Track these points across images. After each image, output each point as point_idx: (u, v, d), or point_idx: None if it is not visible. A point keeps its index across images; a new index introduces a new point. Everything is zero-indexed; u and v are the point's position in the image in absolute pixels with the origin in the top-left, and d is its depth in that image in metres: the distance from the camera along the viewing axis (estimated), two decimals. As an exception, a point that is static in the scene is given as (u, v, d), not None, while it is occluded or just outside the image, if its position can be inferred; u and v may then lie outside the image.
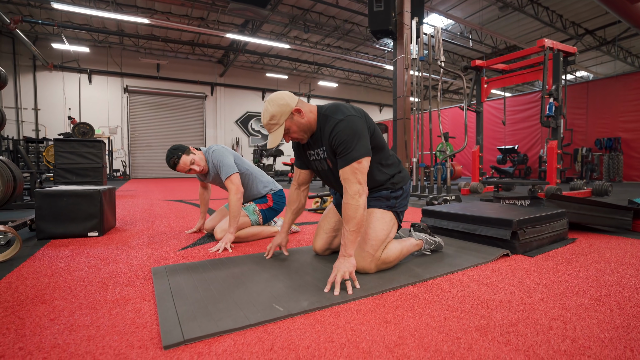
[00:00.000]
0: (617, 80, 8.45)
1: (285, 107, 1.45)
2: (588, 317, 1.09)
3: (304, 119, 1.49)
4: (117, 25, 11.70)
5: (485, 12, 10.83)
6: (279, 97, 1.47)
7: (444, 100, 19.99)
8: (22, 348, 0.93)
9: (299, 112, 1.47)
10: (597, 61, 14.61)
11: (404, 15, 5.49)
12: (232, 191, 2.16)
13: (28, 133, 12.16)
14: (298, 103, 1.49)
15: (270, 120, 1.46)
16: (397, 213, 1.66)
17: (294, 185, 1.83)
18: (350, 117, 1.44)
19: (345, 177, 1.43)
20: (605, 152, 8.45)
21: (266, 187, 2.47)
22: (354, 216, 1.39)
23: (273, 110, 1.45)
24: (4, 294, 1.32)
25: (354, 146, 1.41)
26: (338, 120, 1.44)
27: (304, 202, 1.84)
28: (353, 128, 1.42)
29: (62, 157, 4.98)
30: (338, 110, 1.48)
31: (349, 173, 1.42)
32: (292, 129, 1.50)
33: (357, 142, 1.42)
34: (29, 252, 1.97)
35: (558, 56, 4.73)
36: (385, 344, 0.94)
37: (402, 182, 1.68)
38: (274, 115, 1.45)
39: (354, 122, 1.44)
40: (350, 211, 1.40)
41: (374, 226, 1.55)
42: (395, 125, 5.67)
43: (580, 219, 2.42)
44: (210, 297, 1.26)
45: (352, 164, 1.41)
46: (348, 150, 1.41)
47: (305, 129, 1.52)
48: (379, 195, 1.63)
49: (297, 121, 1.48)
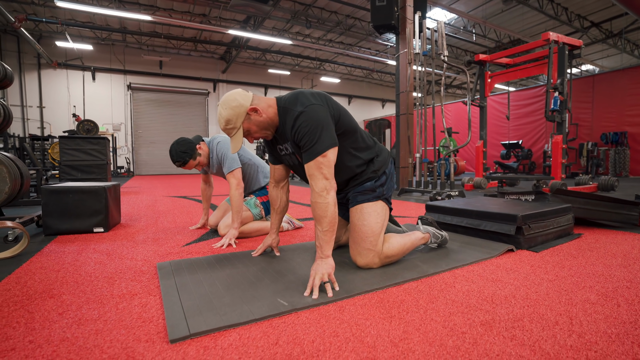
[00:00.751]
0: (623, 73, 8.35)
1: (239, 109, 1.36)
2: (594, 313, 1.08)
3: (262, 117, 1.40)
4: (119, 22, 11.70)
5: (489, 6, 10.72)
6: (231, 99, 1.38)
7: (447, 95, 19.87)
8: (32, 341, 0.94)
9: (256, 111, 1.38)
10: (603, 54, 14.44)
11: (407, 9, 5.44)
12: (233, 186, 2.17)
13: (33, 131, 12.24)
14: (253, 101, 1.39)
15: (227, 125, 1.38)
16: (386, 198, 1.61)
17: (271, 183, 1.73)
18: (310, 107, 1.33)
19: (310, 173, 1.34)
20: (611, 146, 8.37)
21: (267, 178, 2.47)
22: (324, 215, 1.31)
23: (227, 114, 1.36)
24: (13, 289, 1.34)
25: (316, 138, 1.31)
26: (298, 112, 1.34)
27: (286, 200, 1.74)
28: (314, 118, 1.32)
29: (67, 154, 5.02)
30: (297, 100, 1.37)
31: (314, 169, 1.33)
32: (252, 130, 1.42)
33: (320, 133, 1.32)
34: (37, 248, 1.99)
35: (563, 49, 4.68)
36: (390, 338, 0.94)
37: (384, 165, 1.61)
38: (229, 119, 1.37)
39: (315, 111, 1.33)
40: (319, 210, 1.32)
41: (367, 222, 1.51)
42: (398, 121, 5.65)
43: (586, 214, 2.41)
44: (215, 292, 1.27)
45: (316, 159, 1.32)
46: (311, 143, 1.32)
47: (267, 126, 1.43)
48: (364, 189, 1.57)
49: (255, 120, 1.40)
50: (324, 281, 1.26)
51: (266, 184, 2.46)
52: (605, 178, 4.86)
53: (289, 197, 1.76)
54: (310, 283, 1.26)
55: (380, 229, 1.53)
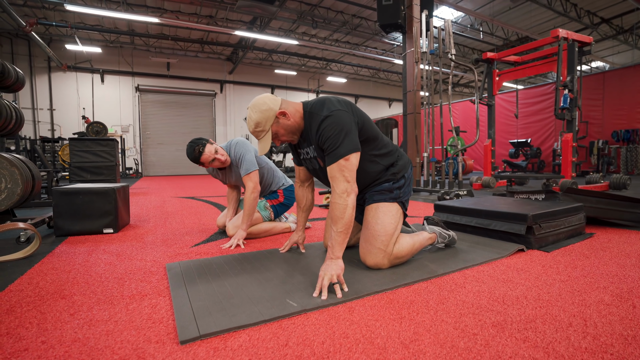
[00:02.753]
0: (635, 69, 8.19)
1: (268, 112, 1.41)
2: (609, 314, 1.06)
3: (290, 121, 1.44)
4: (127, 25, 11.83)
5: (496, 3, 10.60)
6: (261, 102, 1.42)
7: (455, 94, 19.71)
8: (45, 342, 0.95)
9: (284, 115, 1.43)
10: (613, 51, 14.20)
11: (414, 8, 5.41)
12: (250, 189, 2.16)
13: (44, 133, 12.44)
14: (282, 105, 1.44)
15: (256, 128, 1.43)
16: (402, 203, 1.62)
17: (297, 183, 1.82)
18: (336, 112, 1.38)
19: (332, 174, 1.38)
20: (622, 144, 8.22)
21: (279, 183, 2.49)
22: (341, 216, 1.33)
23: (257, 117, 1.41)
24: (25, 289, 1.35)
25: (340, 142, 1.35)
26: (324, 116, 1.38)
27: (311, 198, 1.83)
28: (340, 123, 1.37)
29: (77, 156, 5.08)
30: (323, 106, 1.42)
31: (336, 171, 1.36)
32: (279, 133, 1.46)
33: (344, 138, 1.36)
34: (48, 249, 2.02)
35: (573, 46, 4.61)
36: (400, 339, 0.93)
37: (403, 170, 1.64)
38: (259, 122, 1.41)
39: (341, 117, 1.38)
40: (337, 211, 1.34)
41: (381, 221, 1.52)
42: (405, 120, 5.62)
43: (598, 213, 2.37)
44: (225, 293, 1.27)
45: (339, 161, 1.35)
46: (334, 146, 1.36)
47: (294, 129, 1.48)
48: (382, 189, 1.59)
49: (283, 124, 1.44)
50: (333, 282, 1.26)
51: (277, 188, 2.47)
52: (617, 176, 4.78)
53: (314, 196, 1.84)
54: (319, 284, 1.26)
55: (394, 231, 1.53)
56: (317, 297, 1.21)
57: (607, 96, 8.63)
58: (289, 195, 2.49)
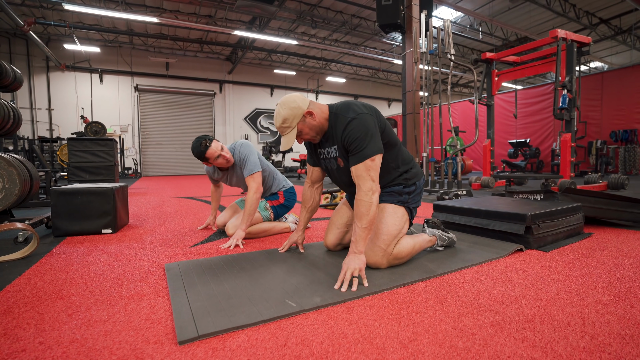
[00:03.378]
0: (633, 70, 8.21)
1: (297, 110, 1.46)
2: (607, 314, 1.06)
3: (315, 121, 1.50)
4: (126, 24, 11.81)
5: (496, 3, 10.61)
6: (291, 100, 1.48)
7: (454, 94, 19.72)
8: (42, 342, 0.95)
9: (311, 115, 1.48)
10: (612, 51, 14.22)
11: (413, 8, 5.41)
12: (253, 189, 2.16)
13: (42, 133, 12.40)
14: (310, 105, 1.49)
15: (283, 124, 1.48)
16: (410, 209, 1.64)
17: (307, 183, 1.83)
18: (362, 115, 1.44)
19: (358, 174, 1.43)
20: (621, 144, 8.24)
21: (279, 185, 2.50)
22: (366, 213, 1.39)
23: (285, 113, 1.46)
24: (23, 290, 1.35)
25: (366, 144, 1.41)
26: (350, 118, 1.44)
27: (318, 200, 1.85)
28: (365, 126, 1.42)
29: (75, 156, 5.07)
30: (349, 108, 1.47)
31: (362, 170, 1.42)
32: (304, 131, 1.52)
33: (370, 139, 1.42)
34: (46, 249, 2.01)
35: (572, 47, 4.62)
36: (399, 339, 0.93)
37: (415, 178, 1.67)
38: (287, 118, 1.46)
39: (366, 120, 1.44)
40: (363, 208, 1.39)
41: (386, 221, 1.54)
42: (404, 120, 5.62)
43: (596, 213, 2.37)
44: (223, 293, 1.27)
45: (365, 162, 1.41)
46: (361, 147, 1.41)
47: (317, 130, 1.53)
48: (392, 191, 1.62)
49: (309, 123, 1.50)
50: (354, 276, 1.31)
51: (278, 190, 2.48)
52: (615, 176, 4.79)
53: (320, 199, 1.87)
54: (342, 276, 1.32)
55: (397, 233, 1.54)
56: (337, 289, 1.28)
57: (606, 96, 8.65)
58: (290, 197, 2.50)
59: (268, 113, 16.36)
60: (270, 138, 16.37)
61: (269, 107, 16.37)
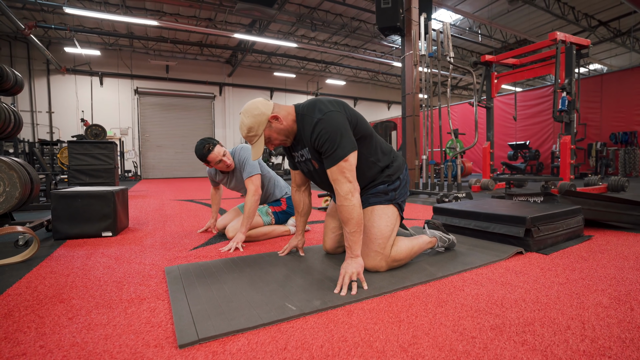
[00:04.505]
0: (632, 72, 8.23)
1: (261, 117, 1.42)
2: (607, 317, 1.06)
3: (282, 125, 1.45)
4: (127, 28, 11.85)
5: (495, 6, 10.66)
6: (253, 107, 1.43)
7: (454, 97, 19.76)
8: (43, 346, 0.95)
9: (277, 119, 1.44)
10: (611, 53, 14.26)
11: (412, 11, 5.43)
12: (251, 192, 2.17)
13: (43, 135, 12.42)
14: (274, 109, 1.45)
15: (249, 133, 1.44)
16: (398, 204, 1.62)
17: (293, 187, 1.82)
18: (328, 113, 1.38)
19: (334, 177, 1.39)
20: (620, 146, 8.25)
21: (282, 192, 2.51)
22: (350, 217, 1.36)
23: (249, 122, 1.42)
24: (23, 293, 1.35)
25: (337, 144, 1.36)
26: (317, 119, 1.38)
27: (308, 202, 1.83)
28: (333, 125, 1.37)
29: (75, 159, 5.08)
30: (315, 108, 1.42)
31: (337, 173, 1.38)
32: (272, 137, 1.47)
33: (341, 139, 1.36)
34: (47, 252, 2.02)
35: (571, 49, 4.63)
36: (399, 343, 0.93)
37: (398, 171, 1.64)
38: (251, 127, 1.42)
39: (334, 118, 1.38)
40: (346, 213, 1.37)
41: (377, 224, 1.52)
42: (404, 123, 5.63)
43: (596, 216, 2.37)
44: (223, 296, 1.27)
45: (339, 163, 1.36)
46: (332, 149, 1.36)
47: (287, 133, 1.48)
48: (377, 191, 1.59)
49: (276, 128, 1.45)
50: (353, 280, 1.32)
51: (281, 196, 2.49)
52: (615, 178, 4.79)
53: (311, 200, 1.84)
54: (340, 281, 1.32)
55: (390, 233, 1.53)
56: (337, 293, 1.27)
57: (605, 99, 8.67)
58: (292, 204, 2.50)
59: (268, 115, 16.36)
60: (270, 140, 16.35)
61: (269, 109, 16.35)
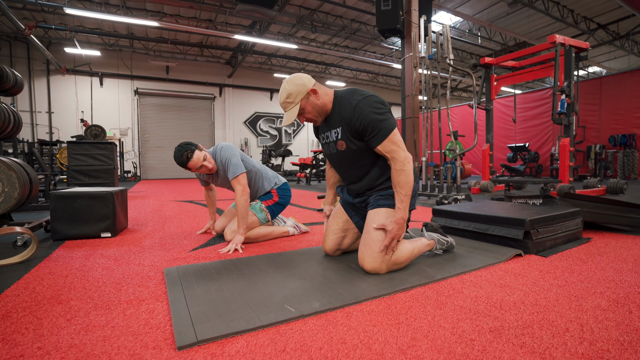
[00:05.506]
0: (631, 75, 8.26)
1: (302, 87, 1.50)
2: (606, 320, 1.06)
3: (319, 100, 1.54)
4: (127, 28, 11.86)
5: (494, 9, 10.69)
6: (297, 77, 1.52)
7: (453, 98, 19.80)
8: (41, 348, 0.94)
9: (315, 93, 1.52)
10: (610, 56, 14.30)
11: (412, 13, 5.45)
12: (239, 192, 2.15)
13: (42, 136, 12.42)
14: (315, 85, 1.54)
15: (287, 99, 1.51)
16: None
17: (328, 165, 1.91)
18: (369, 97, 1.49)
19: (388, 149, 1.48)
20: (619, 149, 8.27)
21: (271, 183, 2.47)
22: (408, 181, 1.48)
23: (290, 88, 1.50)
24: (22, 294, 1.35)
25: (383, 120, 1.46)
26: (358, 100, 1.48)
27: (338, 178, 1.92)
28: (375, 105, 1.47)
29: (75, 159, 5.07)
30: (355, 92, 1.52)
31: (391, 144, 1.48)
32: (307, 109, 1.55)
33: (384, 116, 1.47)
34: (45, 253, 2.01)
35: (570, 52, 4.64)
36: (398, 345, 0.93)
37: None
38: (291, 93, 1.50)
39: (374, 99, 1.49)
40: (405, 177, 1.47)
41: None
42: (404, 124, 5.64)
43: (595, 218, 2.38)
44: (222, 298, 1.27)
45: (389, 136, 1.47)
46: (379, 126, 1.46)
47: (320, 110, 1.57)
48: (388, 194, 1.61)
49: (312, 102, 1.53)
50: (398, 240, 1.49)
51: (271, 188, 2.46)
52: (614, 181, 4.80)
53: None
54: (388, 241, 1.47)
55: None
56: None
57: (604, 101, 8.69)
58: (284, 194, 2.47)
59: (268, 117, 16.41)
60: (270, 142, 16.40)
61: (269, 110, 16.41)
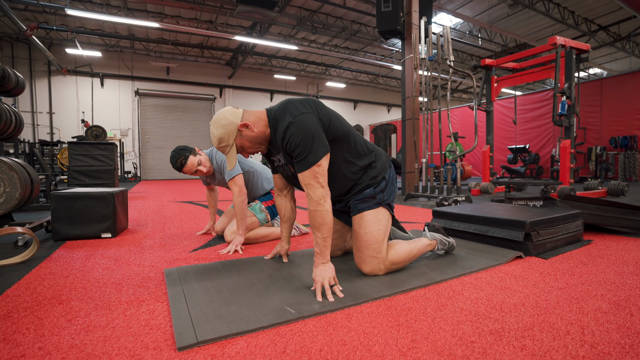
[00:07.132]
0: (632, 76, 8.26)
1: (230, 127, 1.40)
2: (607, 322, 1.06)
3: (253, 132, 1.42)
4: (128, 29, 11.88)
5: (495, 10, 10.70)
6: (221, 117, 1.41)
7: (453, 100, 19.80)
8: (42, 348, 0.94)
9: (247, 127, 1.41)
10: (611, 58, 14.30)
11: (412, 15, 5.45)
12: (236, 193, 2.16)
13: (43, 136, 12.43)
14: (243, 117, 1.42)
15: (220, 144, 1.42)
16: (388, 204, 1.58)
17: (275, 192, 1.74)
18: (299, 116, 1.33)
19: (306, 182, 1.36)
20: (620, 150, 8.26)
21: (270, 183, 2.48)
22: (324, 222, 1.35)
23: (218, 133, 1.40)
24: (22, 295, 1.35)
25: (309, 148, 1.32)
26: (287, 123, 1.33)
27: (290, 207, 1.73)
28: (304, 129, 1.32)
29: (75, 160, 5.08)
30: (286, 111, 1.37)
31: (310, 178, 1.34)
32: (245, 145, 1.45)
33: (312, 142, 1.32)
34: (46, 254, 2.01)
35: (570, 53, 4.64)
36: (398, 347, 0.93)
37: (383, 171, 1.59)
38: (221, 138, 1.40)
39: (305, 121, 1.33)
40: (319, 218, 1.35)
41: (369, 230, 1.49)
42: (404, 126, 5.64)
43: (596, 220, 2.37)
44: (223, 299, 1.27)
45: (311, 168, 1.33)
46: (304, 153, 1.32)
47: (260, 140, 1.45)
48: (364, 197, 1.54)
49: (247, 136, 1.42)
50: (331, 284, 1.32)
51: (271, 188, 2.47)
52: (615, 183, 4.80)
53: (295, 204, 1.75)
54: (319, 288, 1.29)
55: (383, 236, 1.52)
56: (318, 300, 1.24)
57: (605, 103, 8.69)
58: None
59: (268, 118, 16.38)
60: (271, 142, 16.37)
61: (269, 111, 16.38)
